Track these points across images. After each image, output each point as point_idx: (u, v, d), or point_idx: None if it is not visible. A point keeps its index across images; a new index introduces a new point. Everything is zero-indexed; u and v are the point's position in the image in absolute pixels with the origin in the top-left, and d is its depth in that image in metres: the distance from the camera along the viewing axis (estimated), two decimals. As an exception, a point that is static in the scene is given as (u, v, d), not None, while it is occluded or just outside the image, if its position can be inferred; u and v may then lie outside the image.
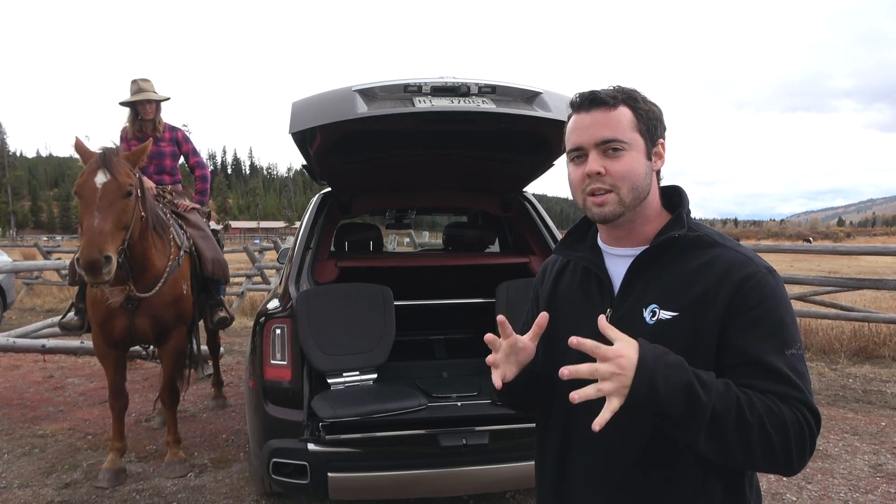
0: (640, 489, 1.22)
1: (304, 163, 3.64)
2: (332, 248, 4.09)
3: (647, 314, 1.20)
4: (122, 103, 4.70)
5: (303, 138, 2.93)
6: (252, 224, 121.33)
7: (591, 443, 1.25)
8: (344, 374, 2.99)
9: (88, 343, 5.04)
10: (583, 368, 1.04)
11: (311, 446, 2.66)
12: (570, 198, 1.34)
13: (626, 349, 1.04)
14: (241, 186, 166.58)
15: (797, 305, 7.24)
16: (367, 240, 4.42)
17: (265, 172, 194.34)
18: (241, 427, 4.62)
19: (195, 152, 5.01)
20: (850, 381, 5.97)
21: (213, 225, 4.95)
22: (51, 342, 5.48)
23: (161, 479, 3.73)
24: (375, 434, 2.63)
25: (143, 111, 4.64)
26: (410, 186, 4.03)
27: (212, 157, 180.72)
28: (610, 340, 1.06)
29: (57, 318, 4.90)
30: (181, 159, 5.01)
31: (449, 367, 3.49)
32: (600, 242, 1.34)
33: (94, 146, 3.33)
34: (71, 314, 4.14)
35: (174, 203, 4.40)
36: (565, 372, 1.03)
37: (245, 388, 3.31)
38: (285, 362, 2.88)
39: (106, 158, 3.15)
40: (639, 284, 1.24)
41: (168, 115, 4.96)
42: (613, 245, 1.30)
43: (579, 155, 1.24)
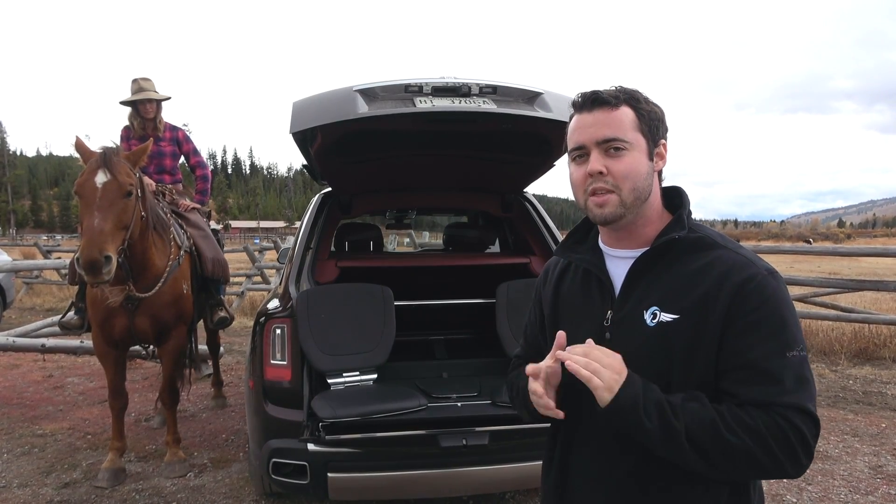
0: (641, 495, 1.21)
1: (305, 163, 3.64)
2: (333, 248, 4.09)
3: (647, 316, 1.19)
4: (123, 102, 4.70)
5: (303, 138, 2.93)
6: (252, 224, 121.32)
7: (591, 448, 1.25)
8: (344, 375, 2.99)
9: (88, 342, 5.04)
10: (582, 357, 1.12)
11: (310, 446, 2.65)
12: (571, 198, 1.34)
13: (620, 357, 1.15)
14: (241, 186, 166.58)
15: (797, 307, 7.24)
16: (368, 240, 4.42)
17: (265, 172, 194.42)
18: (240, 427, 4.61)
19: (196, 152, 5.01)
20: (851, 382, 5.97)
21: (213, 225, 4.95)
22: (50, 341, 5.47)
23: (160, 479, 3.73)
24: (375, 434, 2.62)
25: (143, 110, 4.64)
26: (411, 186, 4.03)
27: (212, 156, 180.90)
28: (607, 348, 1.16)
29: (57, 318, 4.89)
30: (182, 159, 5.01)
31: (449, 368, 3.49)
32: (601, 244, 1.33)
33: (95, 145, 3.33)
34: (71, 313, 4.14)
35: (174, 203, 4.40)
36: (565, 356, 1.14)
37: (245, 388, 3.31)
38: (285, 362, 2.88)
39: (106, 158, 3.15)
40: (639, 286, 1.23)
41: (168, 115, 4.97)
42: (614, 246, 1.30)
43: (581, 154, 1.23)
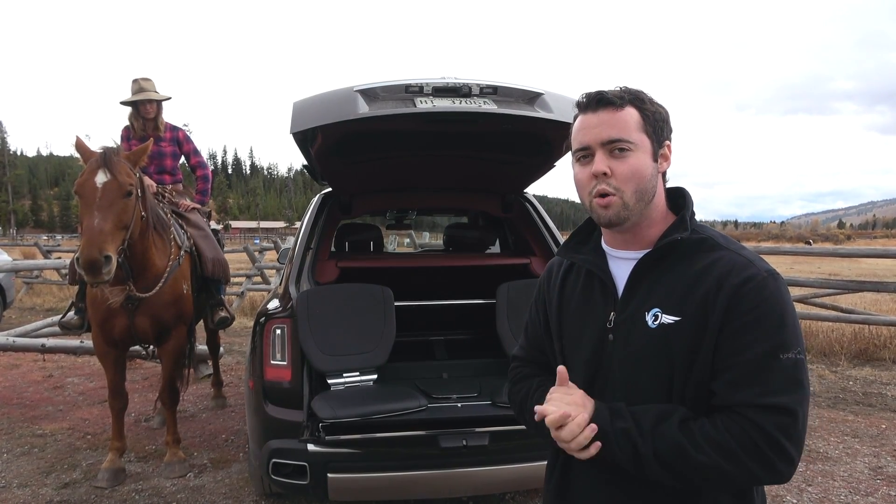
0: (643, 498, 1.21)
1: (305, 163, 3.64)
2: (333, 249, 4.09)
3: (649, 318, 1.19)
4: (124, 103, 4.70)
5: (304, 138, 2.93)
6: (252, 224, 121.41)
7: None
8: (344, 375, 2.99)
9: (88, 342, 5.04)
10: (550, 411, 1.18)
11: (310, 447, 2.65)
12: (571, 199, 1.34)
13: (582, 392, 1.23)
14: (241, 186, 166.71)
15: (797, 307, 7.24)
16: (368, 240, 4.42)
17: (265, 172, 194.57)
18: (240, 427, 4.61)
19: (196, 152, 5.01)
20: (851, 383, 5.97)
21: (213, 225, 4.95)
22: (50, 341, 5.47)
23: (160, 479, 3.73)
24: (375, 435, 2.62)
25: (144, 111, 4.64)
26: (411, 187, 4.02)
27: (212, 156, 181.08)
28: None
29: (57, 318, 4.89)
30: (182, 159, 5.01)
31: (449, 368, 3.48)
32: (604, 245, 1.33)
33: (95, 145, 3.33)
34: (71, 313, 4.14)
35: (175, 203, 4.40)
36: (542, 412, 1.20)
37: (245, 388, 3.30)
38: (285, 363, 2.88)
39: (106, 158, 3.15)
40: (642, 288, 1.23)
41: (169, 115, 4.97)
42: (617, 248, 1.29)
43: (585, 155, 1.23)
